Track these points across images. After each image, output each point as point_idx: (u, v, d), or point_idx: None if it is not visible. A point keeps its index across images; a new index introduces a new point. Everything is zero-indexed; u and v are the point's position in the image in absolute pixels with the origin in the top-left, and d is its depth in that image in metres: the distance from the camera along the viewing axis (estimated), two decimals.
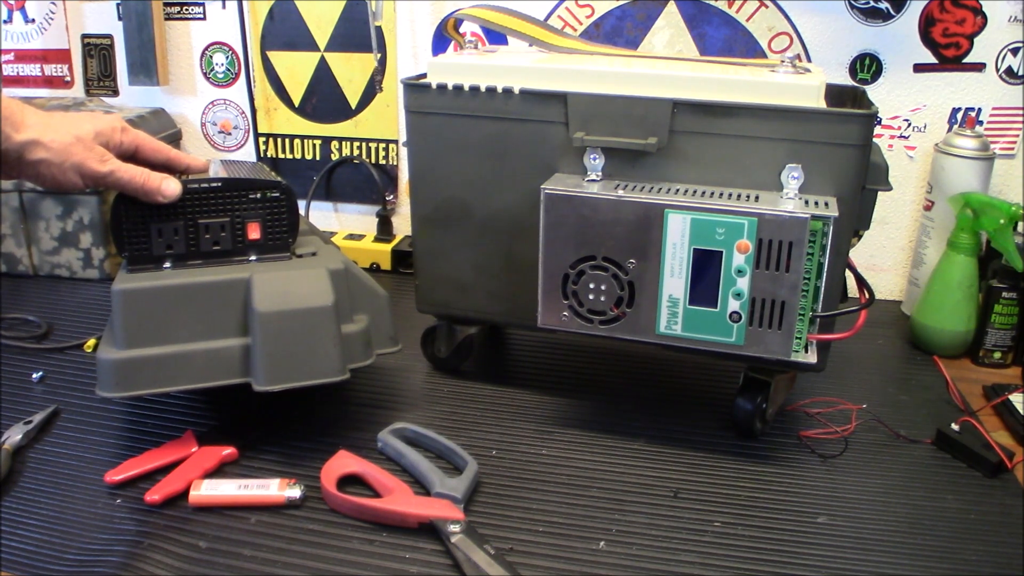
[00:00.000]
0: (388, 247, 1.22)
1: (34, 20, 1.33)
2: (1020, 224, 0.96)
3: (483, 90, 0.78)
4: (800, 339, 0.71)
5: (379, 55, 1.21)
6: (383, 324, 0.81)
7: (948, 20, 1.04)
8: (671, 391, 0.90)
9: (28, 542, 0.65)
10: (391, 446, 0.76)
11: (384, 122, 1.26)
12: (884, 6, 1.05)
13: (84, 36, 1.33)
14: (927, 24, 1.05)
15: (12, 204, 1.13)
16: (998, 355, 0.98)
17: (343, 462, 0.72)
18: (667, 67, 0.79)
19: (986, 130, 1.07)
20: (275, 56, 1.27)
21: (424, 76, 0.81)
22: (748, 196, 0.70)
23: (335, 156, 1.30)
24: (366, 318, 0.79)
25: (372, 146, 1.28)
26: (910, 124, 1.10)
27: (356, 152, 1.29)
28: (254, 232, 0.79)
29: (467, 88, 0.78)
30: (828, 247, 0.68)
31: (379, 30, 1.20)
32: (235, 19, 1.25)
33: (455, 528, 0.65)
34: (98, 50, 1.33)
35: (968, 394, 0.90)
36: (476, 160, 0.80)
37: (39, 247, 1.16)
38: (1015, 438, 0.82)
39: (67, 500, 0.70)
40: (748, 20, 1.09)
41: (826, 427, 0.82)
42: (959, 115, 1.08)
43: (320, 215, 1.34)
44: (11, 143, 0.69)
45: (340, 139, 1.29)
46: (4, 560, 0.63)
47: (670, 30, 1.12)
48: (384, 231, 1.27)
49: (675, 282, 0.70)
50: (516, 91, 0.77)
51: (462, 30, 1.13)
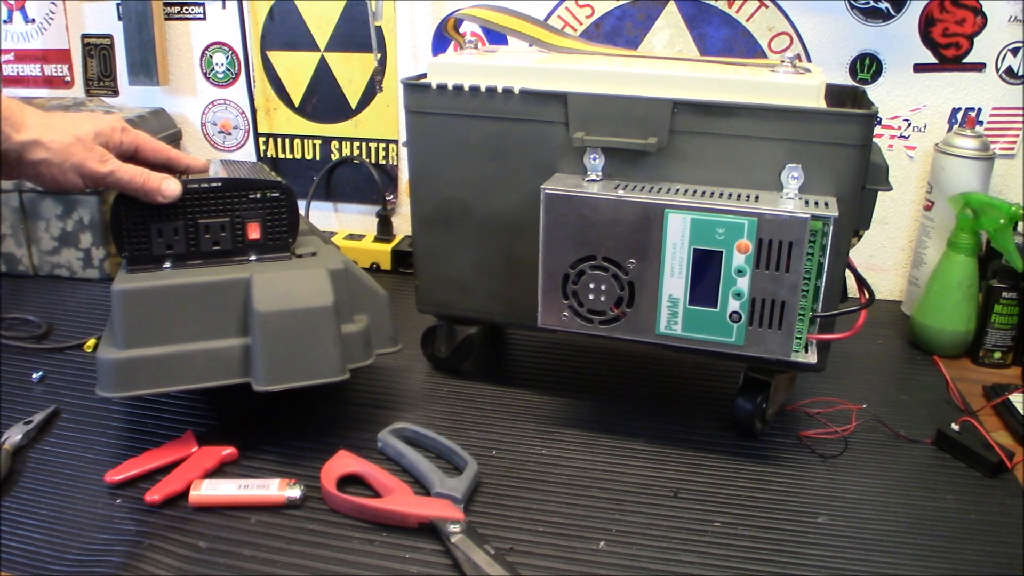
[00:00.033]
0: (388, 247, 1.22)
1: (34, 20, 1.33)
2: (1020, 224, 0.96)
3: (483, 90, 0.78)
4: (800, 339, 0.71)
5: (379, 55, 1.21)
6: (383, 324, 0.81)
7: (948, 20, 1.04)
8: (671, 391, 0.90)
9: (28, 542, 0.65)
10: (391, 446, 0.76)
11: (384, 122, 1.26)
12: (884, 6, 1.05)
13: (84, 36, 1.33)
14: (927, 24, 1.05)
15: (12, 204, 1.13)
16: (998, 355, 0.98)
17: (343, 462, 0.72)
18: (667, 67, 0.79)
19: (986, 130, 1.07)
20: (275, 56, 1.27)
21: (424, 76, 0.81)
22: (748, 196, 0.70)
23: (335, 156, 1.30)
24: (366, 318, 0.79)
25: (372, 146, 1.28)
26: (910, 124, 1.10)
27: (356, 152, 1.29)
28: (254, 232, 0.79)
29: (467, 88, 0.78)
30: (828, 247, 0.68)
31: (379, 30, 1.20)
32: (235, 19, 1.25)
33: (455, 528, 0.65)
34: (98, 50, 1.33)
35: (968, 394, 0.90)
36: (476, 160, 0.80)
37: (39, 247, 1.16)
38: (1015, 438, 0.82)
39: (67, 500, 0.70)
40: (748, 20, 1.09)
41: (826, 427, 0.82)
42: (959, 115, 1.08)
43: (320, 215, 1.34)
44: (11, 143, 0.69)
45: (340, 139, 1.29)
46: (4, 560, 0.63)
47: (670, 30, 1.12)
48: (384, 231, 1.27)
49: (675, 282, 0.70)
50: (516, 91, 0.77)
51: (462, 30, 1.12)
